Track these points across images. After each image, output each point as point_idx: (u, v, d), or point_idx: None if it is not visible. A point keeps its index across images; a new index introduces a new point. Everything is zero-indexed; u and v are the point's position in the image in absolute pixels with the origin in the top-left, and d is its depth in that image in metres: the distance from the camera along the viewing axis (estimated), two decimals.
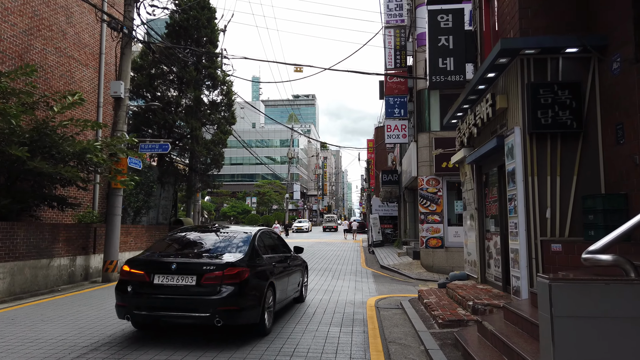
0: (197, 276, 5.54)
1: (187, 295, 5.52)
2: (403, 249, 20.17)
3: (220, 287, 5.50)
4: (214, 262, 5.70)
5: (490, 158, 8.08)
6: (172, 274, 5.61)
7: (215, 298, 5.45)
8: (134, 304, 5.62)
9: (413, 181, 17.17)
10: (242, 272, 5.66)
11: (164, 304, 5.54)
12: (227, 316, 5.48)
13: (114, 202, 11.96)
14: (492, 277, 8.31)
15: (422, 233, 15.52)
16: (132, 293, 5.66)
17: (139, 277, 5.70)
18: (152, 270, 5.70)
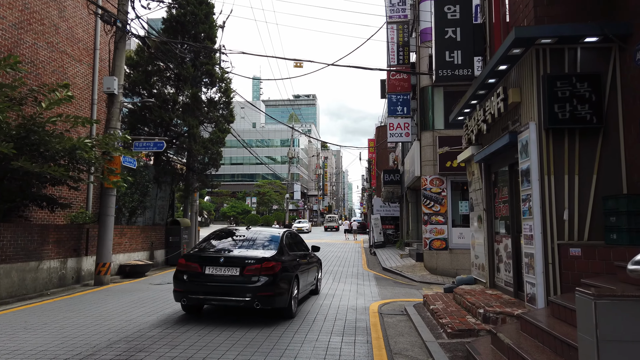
0: (240, 268, 6.91)
1: (232, 283, 6.86)
2: (405, 250, 19.73)
3: (259, 277, 6.85)
4: (254, 257, 7.04)
5: (500, 156, 7.64)
6: (220, 266, 6.98)
7: (255, 285, 6.79)
8: (189, 290, 6.98)
9: (416, 181, 16.73)
10: (276, 265, 7.02)
11: (213, 289, 6.89)
12: (264, 300, 6.80)
13: (107, 202, 11.53)
14: (502, 282, 7.87)
15: (426, 234, 15.08)
16: (188, 281, 7.01)
17: (194, 268, 7.05)
18: (204, 262, 7.06)
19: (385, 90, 41.95)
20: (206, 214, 59.77)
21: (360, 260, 19.50)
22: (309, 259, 9.23)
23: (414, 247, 18.21)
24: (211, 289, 6.89)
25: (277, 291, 6.93)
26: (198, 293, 6.94)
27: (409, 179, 18.10)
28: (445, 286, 9.46)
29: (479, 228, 8.95)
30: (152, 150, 13.36)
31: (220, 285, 6.88)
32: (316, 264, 9.99)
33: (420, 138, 15.57)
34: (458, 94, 12.82)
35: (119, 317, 7.38)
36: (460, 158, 9.66)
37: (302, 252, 8.96)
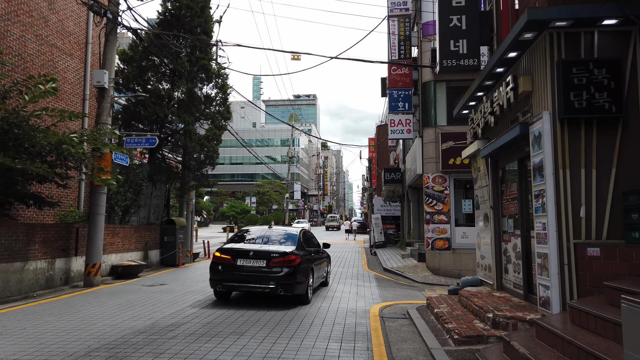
0: (267, 260, 8.17)
1: (260, 273, 8.11)
2: (407, 250, 19.28)
3: (282, 268, 8.09)
4: (278, 251, 8.35)
5: (509, 150, 7.19)
6: (250, 259, 8.25)
7: (278, 275, 8.06)
8: (223, 278, 8.26)
9: (418, 179, 16.28)
10: (296, 258, 8.27)
11: (244, 278, 8.15)
12: (287, 288, 8.06)
13: (97, 200, 11.09)
14: (511, 284, 7.42)
15: (428, 234, 14.63)
16: (222, 271, 8.29)
17: (227, 260, 8.32)
18: (236, 255, 8.34)
19: (385, 88, 41.53)
20: (205, 213, 59.35)
21: (361, 260, 19.05)
22: (320, 254, 10.41)
23: (415, 247, 17.76)
24: (242, 277, 8.16)
25: (297, 280, 8.20)
26: (231, 281, 8.23)
27: (411, 177, 17.65)
28: (450, 288, 9.02)
29: (485, 227, 8.51)
30: (145, 147, 12.92)
31: (249, 275, 8.15)
32: (326, 259, 11.20)
33: (422, 135, 15.13)
34: (461, 89, 12.39)
35: (104, 321, 6.94)
36: (465, 153, 9.22)
37: (315, 248, 10.15)
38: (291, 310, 8.04)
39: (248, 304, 8.52)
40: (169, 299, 9.04)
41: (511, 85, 6.34)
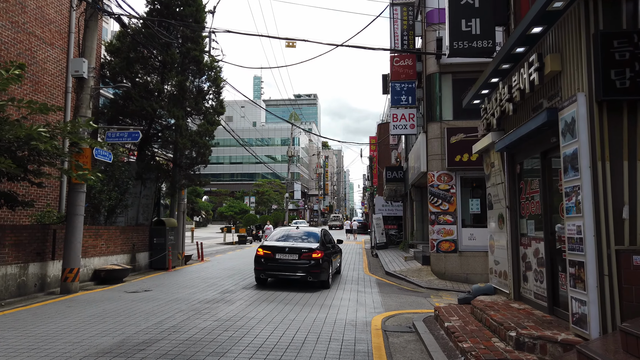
0: (298, 254, 10.70)
1: (293, 264, 10.67)
2: (410, 252, 18.40)
3: (310, 260, 10.60)
4: (306, 247, 10.88)
5: (529, 142, 6.31)
6: (285, 253, 10.79)
7: (308, 265, 10.59)
8: (266, 268, 10.86)
9: (422, 177, 15.40)
10: (320, 253, 10.79)
11: (282, 268, 10.74)
12: (314, 275, 10.60)
13: (75, 199, 10.22)
14: (531, 294, 6.55)
15: (433, 235, 13.75)
16: (265, 262, 10.84)
17: (268, 254, 10.85)
18: (275, 251, 10.86)
19: (387, 85, 40.64)
20: (204, 213, 58.52)
21: (361, 262, 18.17)
22: (335, 249, 13.12)
23: (419, 249, 16.88)
24: (280, 268, 10.78)
25: (322, 269, 10.74)
26: (272, 270, 10.86)
27: (414, 175, 16.77)
28: (460, 297, 8.14)
29: (500, 229, 7.63)
30: (127, 142, 12.06)
31: (285, 265, 10.75)
32: (339, 252, 13.99)
33: (426, 130, 14.25)
34: (468, 82, 11.50)
35: (68, 337, 6.08)
36: (477, 148, 8.34)
37: (332, 244, 12.81)
38: (282, 324, 7.18)
39: (237, 321, 7.67)
40: (149, 308, 8.17)
41: (535, 66, 5.47)
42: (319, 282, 10.85)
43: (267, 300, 9.23)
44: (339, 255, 13.90)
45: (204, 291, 10.29)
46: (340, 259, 14.12)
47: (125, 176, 13.54)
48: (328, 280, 11.04)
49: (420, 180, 16.16)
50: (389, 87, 39.36)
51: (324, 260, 10.82)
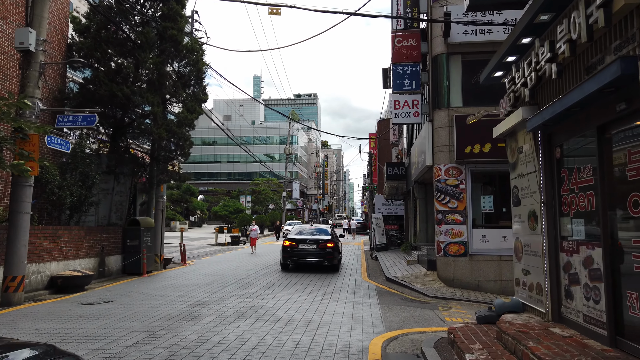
0: (316, 244, 14.21)
1: (313, 252, 14.12)
2: (413, 255, 16.82)
3: (325, 249, 14.12)
4: (322, 239, 14.42)
5: (579, 116, 4.74)
6: (306, 244, 14.24)
7: (323, 253, 14.11)
8: (292, 255, 14.19)
9: (427, 172, 13.82)
10: (333, 243, 14.45)
11: (303, 255, 14.13)
12: (329, 260, 14.16)
13: (20, 195, 8.65)
14: (579, 316, 4.97)
15: (440, 237, 12.17)
16: (290, 251, 14.18)
17: (293, 245, 14.20)
18: (298, 242, 14.26)
19: (387, 79, 38.95)
20: (200, 213, 56.93)
21: (359, 266, 16.61)
22: (340, 242, 15.92)
23: (423, 251, 15.31)
24: (302, 255, 14.09)
25: (334, 256, 14.28)
26: (296, 257, 14.13)
27: (418, 170, 15.20)
28: (480, 314, 6.56)
29: (532, 230, 6.05)
30: (83, 126, 10.44)
31: (306, 253, 14.08)
32: (341, 245, 16.27)
33: (432, 118, 12.68)
34: (480, 64, 9.89)
35: None
36: (500, 130, 6.76)
37: (337, 237, 15.80)
38: (253, 352, 5.60)
39: (195, 349, 6.09)
40: (93, 328, 6.60)
41: (599, 2, 3.89)
42: (331, 265, 14.24)
43: (243, 316, 7.66)
44: (341, 246, 16.23)
45: (172, 303, 8.72)
46: (341, 250, 16.19)
47: (92, 169, 11.96)
48: (338, 265, 14.88)
49: (425, 175, 14.59)
50: (389, 81, 37.72)
51: (335, 249, 14.34)
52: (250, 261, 17.60)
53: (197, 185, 77.81)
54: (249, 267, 15.22)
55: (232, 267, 15.13)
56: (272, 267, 15.22)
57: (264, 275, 13.25)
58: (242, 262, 17.01)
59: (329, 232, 15.19)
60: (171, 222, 42.33)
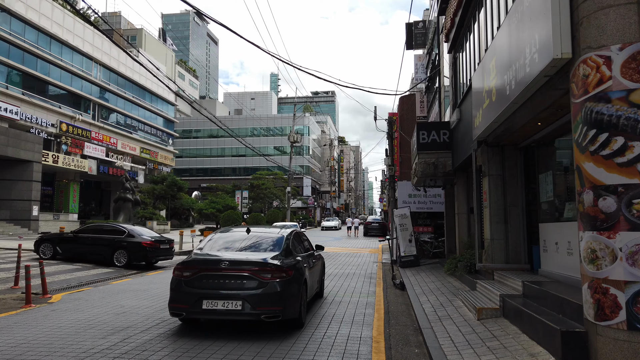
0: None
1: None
2: (481, 289, 8.40)
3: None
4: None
5: None
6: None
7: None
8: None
9: (539, 96, 5.46)
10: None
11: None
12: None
13: None
14: None
15: (609, 269, 3.85)
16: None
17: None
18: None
19: (411, 36, 30.59)
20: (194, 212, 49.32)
21: (367, 308, 8.35)
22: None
23: (515, 285, 6.98)
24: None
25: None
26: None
27: (500, 105, 6.84)
28: None
29: None
30: None
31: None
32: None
33: None
34: None
35: None
36: None
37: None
38: None
39: None
40: None
41: None
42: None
43: None
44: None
45: None
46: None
47: None
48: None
49: (520, 115, 6.21)
50: (413, 40, 28.64)
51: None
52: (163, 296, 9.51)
53: (198, 182, 70.54)
54: (130, 320, 7.12)
55: (98, 318, 7.05)
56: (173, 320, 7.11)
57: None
58: (144, 300, 8.94)
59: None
60: (147, 222, 34.71)
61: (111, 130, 42.99)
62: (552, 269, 6.85)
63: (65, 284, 10.70)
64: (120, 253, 14.19)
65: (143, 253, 14.16)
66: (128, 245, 14.21)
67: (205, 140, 77.24)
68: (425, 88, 28.59)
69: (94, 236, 14.82)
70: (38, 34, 34.25)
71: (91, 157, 38.87)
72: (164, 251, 14.94)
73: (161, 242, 14.82)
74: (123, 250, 14.17)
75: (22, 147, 29.00)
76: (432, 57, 23.06)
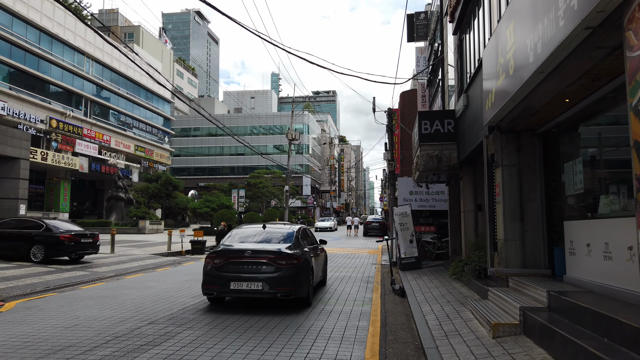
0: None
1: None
2: (495, 300, 7.25)
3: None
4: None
5: None
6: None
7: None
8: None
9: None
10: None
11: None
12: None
13: None
14: None
15: None
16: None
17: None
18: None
19: (412, 28, 29.52)
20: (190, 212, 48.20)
21: (363, 319, 7.21)
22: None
23: (540, 296, 5.81)
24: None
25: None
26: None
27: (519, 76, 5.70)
28: None
29: None
30: None
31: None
32: None
33: None
34: None
35: None
36: None
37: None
38: None
39: None
40: None
41: None
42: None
43: None
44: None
45: None
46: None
47: None
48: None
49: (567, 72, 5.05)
50: (414, 32, 27.38)
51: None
52: (157, 297, 8.37)
53: (196, 181, 69.38)
54: (76, 337, 5.97)
55: (40, 333, 5.91)
56: (184, 315, 5.95)
57: None
58: (106, 310, 7.79)
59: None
60: (139, 222, 33.58)
61: (104, 127, 41.88)
62: (582, 276, 5.69)
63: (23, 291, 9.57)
64: (37, 248, 13.77)
65: (62, 247, 13.78)
66: (45, 239, 13.77)
67: (203, 139, 76.11)
68: (427, 82, 27.42)
69: (10, 231, 14.26)
70: (27, 27, 33.16)
71: (83, 154, 37.77)
72: (87, 245, 14.53)
73: (82, 236, 14.38)
74: (40, 245, 13.77)
75: (9, 144, 27.88)
76: (435, 48, 21.91)
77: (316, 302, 8.56)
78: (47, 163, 32.69)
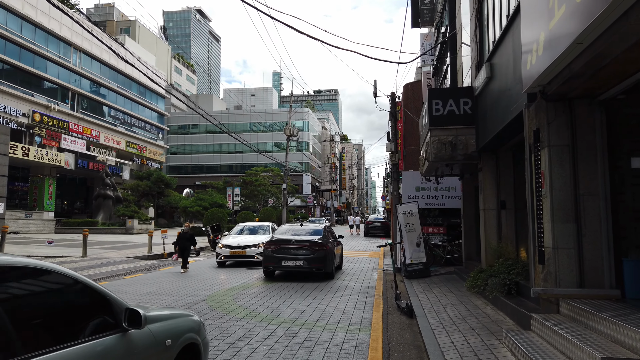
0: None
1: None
2: (543, 337, 5.28)
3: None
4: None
5: None
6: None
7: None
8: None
9: None
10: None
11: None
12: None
13: None
14: None
15: None
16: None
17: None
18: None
19: (417, 16, 27.35)
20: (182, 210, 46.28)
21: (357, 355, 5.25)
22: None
23: (601, 329, 3.84)
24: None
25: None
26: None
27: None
28: None
29: None
30: None
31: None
32: None
33: None
34: None
35: None
36: None
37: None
38: None
39: None
40: None
41: None
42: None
43: None
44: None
45: None
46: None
47: None
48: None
49: None
50: (419, 16, 25.19)
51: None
52: None
53: (193, 179, 67.48)
54: None
55: None
56: None
57: None
58: None
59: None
60: (127, 222, 31.70)
61: (93, 122, 40.00)
62: None
63: None
64: None
65: None
66: None
67: (201, 136, 74.18)
68: (433, 70, 25.36)
69: None
70: (7, 15, 31.29)
71: (69, 150, 35.89)
72: None
73: None
74: None
75: None
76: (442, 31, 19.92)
77: (299, 329, 6.58)
78: (29, 159, 30.84)
